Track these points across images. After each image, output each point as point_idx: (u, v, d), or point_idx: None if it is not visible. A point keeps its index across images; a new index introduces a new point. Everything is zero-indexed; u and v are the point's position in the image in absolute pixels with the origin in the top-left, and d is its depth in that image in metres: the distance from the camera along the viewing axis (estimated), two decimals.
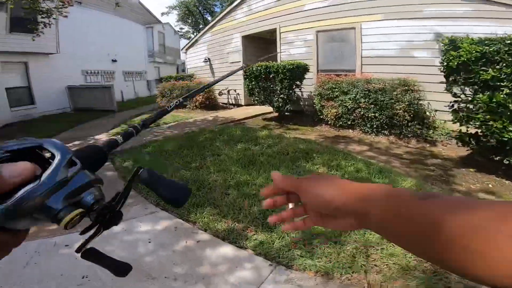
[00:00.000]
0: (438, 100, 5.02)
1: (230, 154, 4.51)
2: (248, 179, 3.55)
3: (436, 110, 5.25)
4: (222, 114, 9.02)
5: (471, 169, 3.90)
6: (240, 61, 9.76)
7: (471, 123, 3.73)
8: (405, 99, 5.09)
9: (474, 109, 3.68)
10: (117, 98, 15.38)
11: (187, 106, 10.50)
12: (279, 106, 7.01)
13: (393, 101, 5.19)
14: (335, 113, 6.06)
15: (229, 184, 3.51)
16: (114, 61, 16.00)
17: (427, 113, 5.36)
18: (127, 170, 4.19)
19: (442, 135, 5.09)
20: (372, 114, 5.45)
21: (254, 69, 7.13)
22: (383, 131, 5.50)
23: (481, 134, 3.74)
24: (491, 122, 3.42)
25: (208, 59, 11.21)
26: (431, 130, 5.20)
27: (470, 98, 3.80)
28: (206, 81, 10.47)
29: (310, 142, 5.08)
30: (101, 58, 14.91)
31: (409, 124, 5.18)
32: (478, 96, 3.56)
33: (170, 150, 4.96)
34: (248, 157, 4.23)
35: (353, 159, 4.05)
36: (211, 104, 10.51)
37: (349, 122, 5.94)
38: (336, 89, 6.03)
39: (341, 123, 6.07)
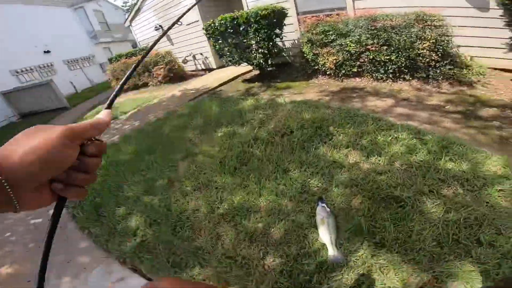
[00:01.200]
0: (468, 35, 3.91)
1: (209, 151, 3.13)
2: (245, 199, 2.25)
3: (468, 46, 3.96)
4: (192, 84, 7.34)
5: None
6: (198, 20, 7.72)
7: None
8: (430, 36, 3.73)
9: None
10: (69, 91, 13.32)
11: (150, 84, 8.69)
12: (260, 63, 5.41)
13: (413, 39, 3.79)
14: (334, 61, 4.58)
15: (219, 213, 2.21)
16: (47, 52, 13.90)
17: (457, 50, 4.04)
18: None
19: (480, 74, 3.81)
20: (386, 57, 4.07)
21: (217, 24, 5.35)
22: (402, 76, 4.15)
23: None
24: None
25: (160, 26, 9.02)
26: (464, 70, 3.90)
27: None
28: (164, 51, 8.52)
29: (315, 105, 3.69)
30: (29, 52, 12.78)
31: (437, 65, 3.86)
32: None
33: (126, 161, 3.53)
34: (237, 152, 2.87)
35: (390, 128, 2.75)
36: (177, 76, 8.68)
37: (354, 70, 4.52)
38: (331, 32, 4.53)
39: (344, 71, 4.64)
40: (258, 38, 5.07)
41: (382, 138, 2.56)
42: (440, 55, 3.83)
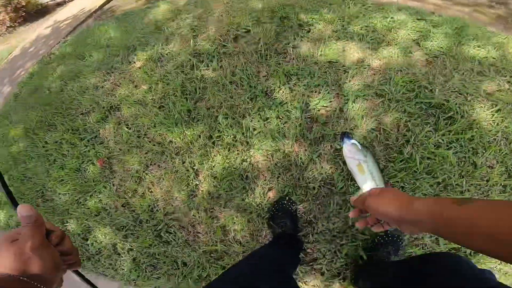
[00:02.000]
0: None
1: (134, 96, 2.05)
2: (230, 160, 1.50)
3: None
4: (63, 13, 5.04)
5: None
6: None
7: None
8: None
9: None
10: None
11: None
12: None
13: None
14: None
15: (203, 200, 1.45)
16: None
17: None
18: None
19: None
20: None
21: None
22: None
23: None
24: None
25: None
26: None
27: None
28: None
29: None
30: None
31: None
32: None
33: (17, 157, 2.28)
34: (179, 84, 1.87)
35: (381, 8, 1.92)
36: (33, 12, 5.92)
37: None
38: None
39: None
40: None
41: (378, 22, 1.78)
42: None
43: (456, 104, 1.35)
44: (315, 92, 1.55)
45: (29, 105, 2.66)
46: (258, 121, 1.54)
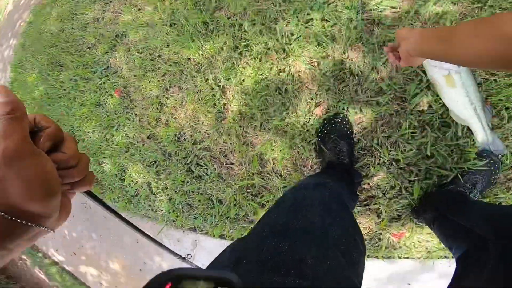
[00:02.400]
0: None
1: (141, 18, 1.71)
2: (261, 70, 1.17)
3: None
4: None
5: None
6: None
7: None
8: None
9: None
10: None
11: None
12: None
13: None
14: None
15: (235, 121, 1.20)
16: None
17: None
18: None
19: None
20: None
21: None
22: None
23: None
24: None
25: None
26: None
27: None
28: None
29: None
30: None
31: None
32: None
33: (43, 96, 2.20)
34: None
35: None
36: None
37: None
38: None
39: None
40: None
41: None
42: None
43: None
44: None
45: (37, 51, 2.54)
46: (296, 24, 1.15)
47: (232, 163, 1.32)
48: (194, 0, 1.49)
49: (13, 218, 0.25)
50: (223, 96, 1.29)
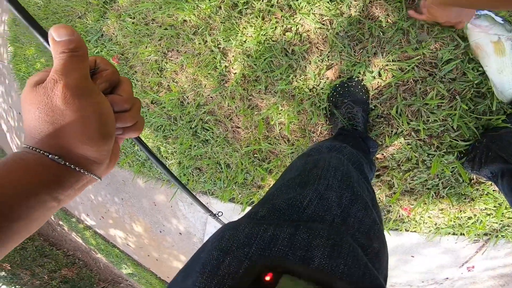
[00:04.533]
0: None
1: None
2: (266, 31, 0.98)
3: None
4: None
5: None
6: None
7: None
8: None
9: None
10: None
11: None
12: None
13: None
14: None
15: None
16: None
17: None
18: None
19: None
20: None
21: None
22: None
23: None
24: None
25: None
26: None
27: None
28: None
29: None
30: None
31: None
32: None
33: None
34: None
35: None
36: None
37: None
38: None
39: None
40: None
41: None
42: None
43: None
44: None
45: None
46: None
47: (238, 127, 1.26)
48: None
49: (67, 163, 0.24)
50: (224, 58, 1.15)
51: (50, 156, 0.24)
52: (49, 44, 0.25)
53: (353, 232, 0.41)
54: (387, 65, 0.87)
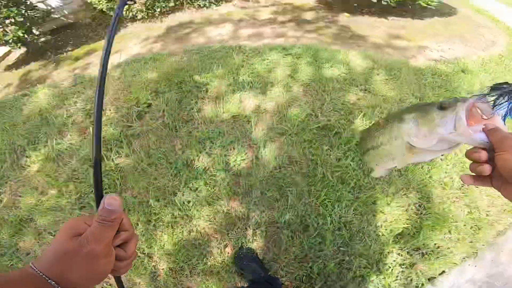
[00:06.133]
0: None
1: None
2: None
3: None
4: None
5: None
6: None
7: None
8: None
9: None
10: None
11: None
12: (20, 36, 3.14)
13: None
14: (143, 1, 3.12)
15: None
16: None
17: None
18: None
19: None
20: None
21: None
22: None
23: None
24: None
25: None
26: None
27: None
28: None
29: (154, 58, 2.55)
30: None
31: None
32: None
33: None
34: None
35: (256, 53, 2.28)
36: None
37: (171, 4, 4.24)
38: None
39: (159, 10, 4.21)
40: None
41: (258, 66, 2.08)
42: None
43: (336, 121, 1.74)
44: (231, 149, 1.73)
45: None
46: (189, 193, 1.64)
47: None
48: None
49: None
50: (151, 260, 1.57)
51: (49, 280, 0.31)
52: (98, 205, 0.35)
53: None
54: (253, 231, 1.54)
